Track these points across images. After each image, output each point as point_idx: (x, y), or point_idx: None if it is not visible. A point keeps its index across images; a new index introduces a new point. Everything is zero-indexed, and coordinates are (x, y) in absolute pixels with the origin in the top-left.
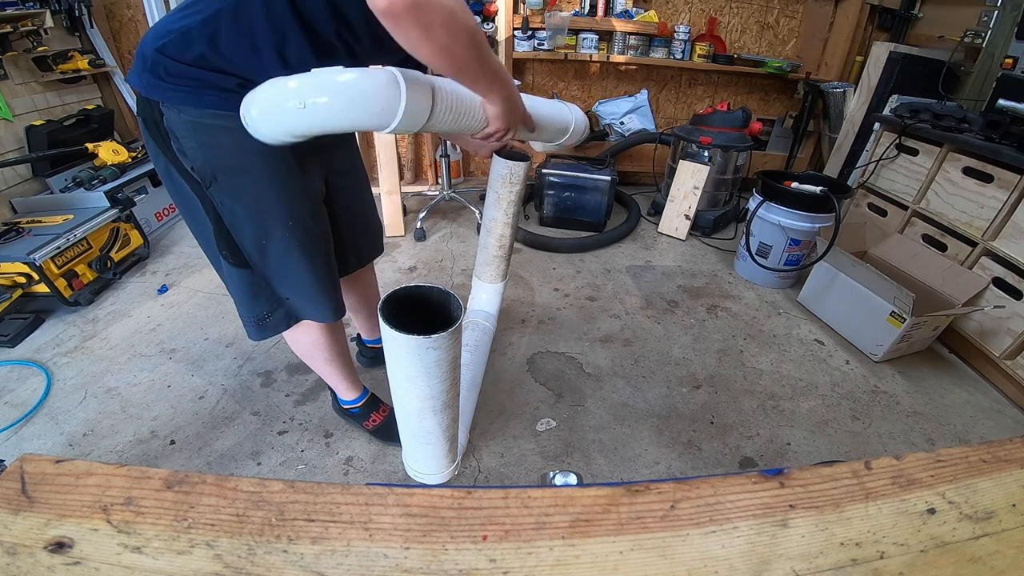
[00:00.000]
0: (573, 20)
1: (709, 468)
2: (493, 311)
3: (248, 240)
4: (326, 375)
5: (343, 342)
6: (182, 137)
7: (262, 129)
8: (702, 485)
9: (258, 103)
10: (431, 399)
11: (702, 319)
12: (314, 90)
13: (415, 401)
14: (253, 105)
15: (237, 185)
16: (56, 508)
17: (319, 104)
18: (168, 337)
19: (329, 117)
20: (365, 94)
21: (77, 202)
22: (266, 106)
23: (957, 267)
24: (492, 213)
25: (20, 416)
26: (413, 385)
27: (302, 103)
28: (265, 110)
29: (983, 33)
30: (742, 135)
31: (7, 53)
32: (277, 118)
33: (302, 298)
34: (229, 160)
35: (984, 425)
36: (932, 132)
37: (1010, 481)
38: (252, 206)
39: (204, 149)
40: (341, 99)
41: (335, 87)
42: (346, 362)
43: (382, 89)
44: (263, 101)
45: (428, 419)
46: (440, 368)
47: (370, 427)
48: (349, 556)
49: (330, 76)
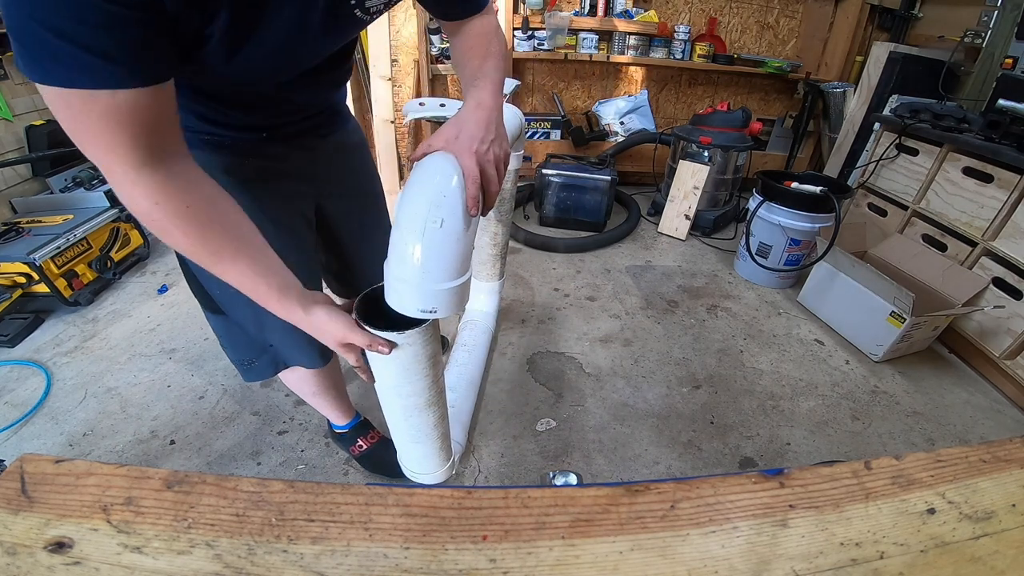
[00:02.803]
0: (573, 20)
1: (709, 468)
2: (491, 310)
3: (215, 287)
4: (316, 405)
5: (333, 375)
6: None
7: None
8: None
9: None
10: (414, 396)
11: (702, 319)
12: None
13: (399, 399)
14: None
15: None
16: (56, 508)
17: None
18: (168, 337)
19: None
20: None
21: (77, 202)
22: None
23: (957, 267)
24: None
25: (20, 416)
26: (394, 383)
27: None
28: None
29: (983, 33)
30: (742, 135)
31: (7, 53)
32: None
33: (287, 345)
34: None
35: (984, 425)
36: (932, 132)
37: (1010, 481)
38: None
39: None
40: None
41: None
42: (336, 393)
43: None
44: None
45: (414, 417)
46: (419, 364)
47: (355, 453)
48: (349, 556)
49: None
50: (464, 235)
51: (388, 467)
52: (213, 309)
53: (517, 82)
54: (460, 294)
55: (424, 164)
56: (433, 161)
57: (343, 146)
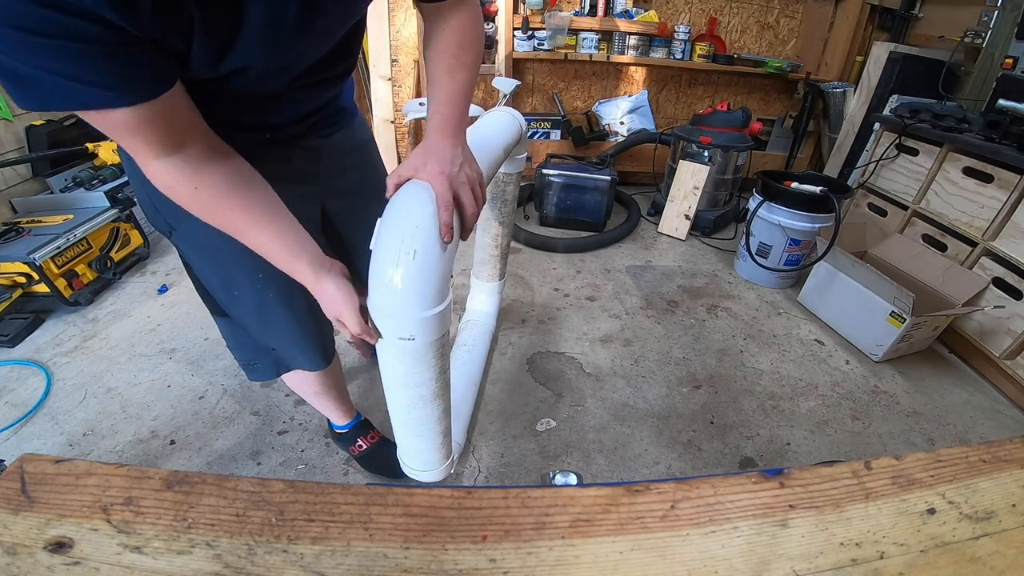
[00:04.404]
0: (573, 20)
1: (709, 468)
2: (491, 310)
3: (218, 291)
4: (317, 405)
5: (335, 375)
6: (134, 184)
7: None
8: (702, 485)
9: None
10: (417, 387)
11: (702, 319)
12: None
13: (403, 390)
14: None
15: (193, 234)
16: (56, 508)
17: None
18: (168, 337)
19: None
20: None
21: (77, 202)
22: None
23: (957, 267)
24: (486, 213)
25: (20, 416)
26: (398, 374)
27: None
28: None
29: (983, 33)
30: (742, 135)
31: None
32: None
33: (289, 348)
34: (179, 208)
35: (984, 425)
36: (932, 132)
37: (1010, 481)
38: (214, 257)
39: (153, 196)
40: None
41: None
42: (337, 393)
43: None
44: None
45: (418, 409)
46: (426, 354)
47: (356, 453)
48: (349, 556)
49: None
50: (440, 263)
51: (388, 467)
52: (218, 312)
53: (517, 82)
54: (439, 321)
55: (398, 195)
56: (406, 191)
57: (347, 145)
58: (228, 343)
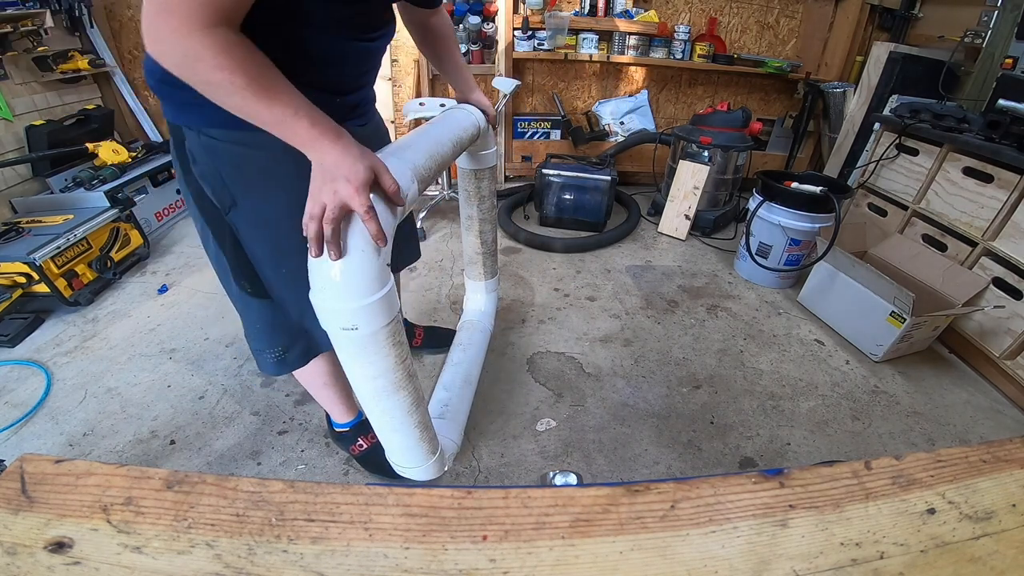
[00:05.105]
0: (573, 20)
1: (709, 468)
2: (487, 309)
3: (267, 267)
4: (322, 398)
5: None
6: (200, 160)
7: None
8: (702, 485)
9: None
10: (375, 378)
11: (702, 319)
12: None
13: (364, 383)
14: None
15: (257, 206)
16: (56, 508)
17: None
18: (168, 337)
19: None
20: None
21: (77, 202)
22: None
23: (957, 267)
24: (467, 211)
25: (20, 416)
26: (356, 363)
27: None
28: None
29: (983, 33)
30: (742, 135)
31: (7, 53)
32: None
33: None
34: (247, 181)
35: (984, 425)
36: (932, 132)
37: (1010, 481)
38: (270, 231)
39: (223, 171)
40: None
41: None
42: (344, 384)
43: None
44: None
45: (384, 400)
46: (374, 343)
47: (356, 452)
48: (349, 556)
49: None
50: (367, 256)
51: (388, 467)
52: (259, 293)
53: (517, 82)
54: (379, 309)
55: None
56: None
57: (375, 140)
58: (258, 332)
